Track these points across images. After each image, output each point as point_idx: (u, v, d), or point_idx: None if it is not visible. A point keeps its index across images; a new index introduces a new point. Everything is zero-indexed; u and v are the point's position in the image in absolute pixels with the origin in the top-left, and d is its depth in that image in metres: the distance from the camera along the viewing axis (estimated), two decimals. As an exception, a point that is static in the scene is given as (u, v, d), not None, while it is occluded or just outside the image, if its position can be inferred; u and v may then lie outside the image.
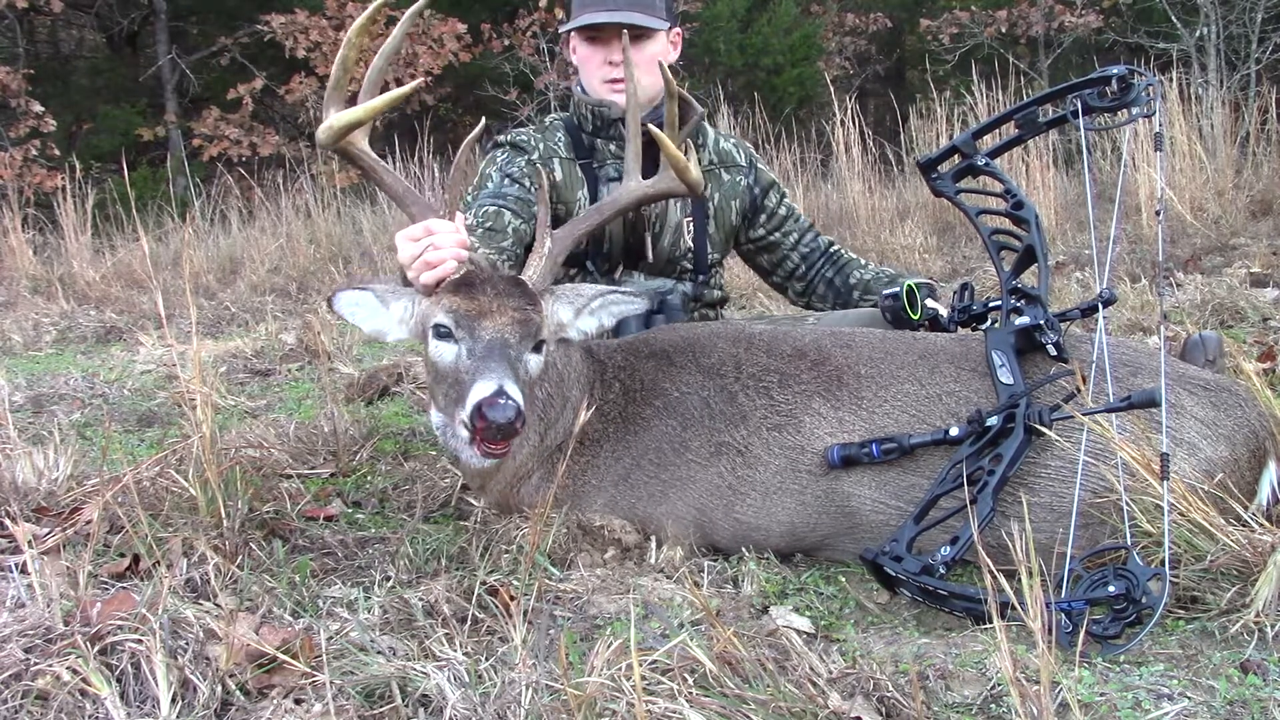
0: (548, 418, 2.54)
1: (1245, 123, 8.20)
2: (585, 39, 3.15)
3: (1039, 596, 1.56)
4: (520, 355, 2.34)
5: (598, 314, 2.57)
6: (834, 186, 8.72)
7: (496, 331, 2.32)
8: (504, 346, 2.30)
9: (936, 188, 2.88)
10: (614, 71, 3.13)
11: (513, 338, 2.33)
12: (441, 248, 2.36)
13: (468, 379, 2.27)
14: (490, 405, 2.16)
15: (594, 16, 3.07)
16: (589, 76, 3.20)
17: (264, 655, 1.80)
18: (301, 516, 2.68)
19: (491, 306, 2.34)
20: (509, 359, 2.29)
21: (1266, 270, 5.35)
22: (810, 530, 2.45)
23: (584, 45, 3.17)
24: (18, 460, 2.72)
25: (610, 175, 3.22)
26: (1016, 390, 2.32)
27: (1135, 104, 2.61)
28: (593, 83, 3.19)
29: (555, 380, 2.55)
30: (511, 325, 2.33)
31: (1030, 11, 12.14)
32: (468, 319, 2.33)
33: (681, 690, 1.68)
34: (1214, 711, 1.70)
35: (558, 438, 2.55)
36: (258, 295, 7.40)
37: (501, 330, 2.32)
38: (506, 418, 2.15)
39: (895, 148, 9.17)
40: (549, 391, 2.53)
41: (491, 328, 2.32)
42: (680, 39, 3.31)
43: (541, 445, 2.55)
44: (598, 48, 3.14)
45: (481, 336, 2.31)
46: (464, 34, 11.64)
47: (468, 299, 2.35)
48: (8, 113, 10.76)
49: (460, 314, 2.34)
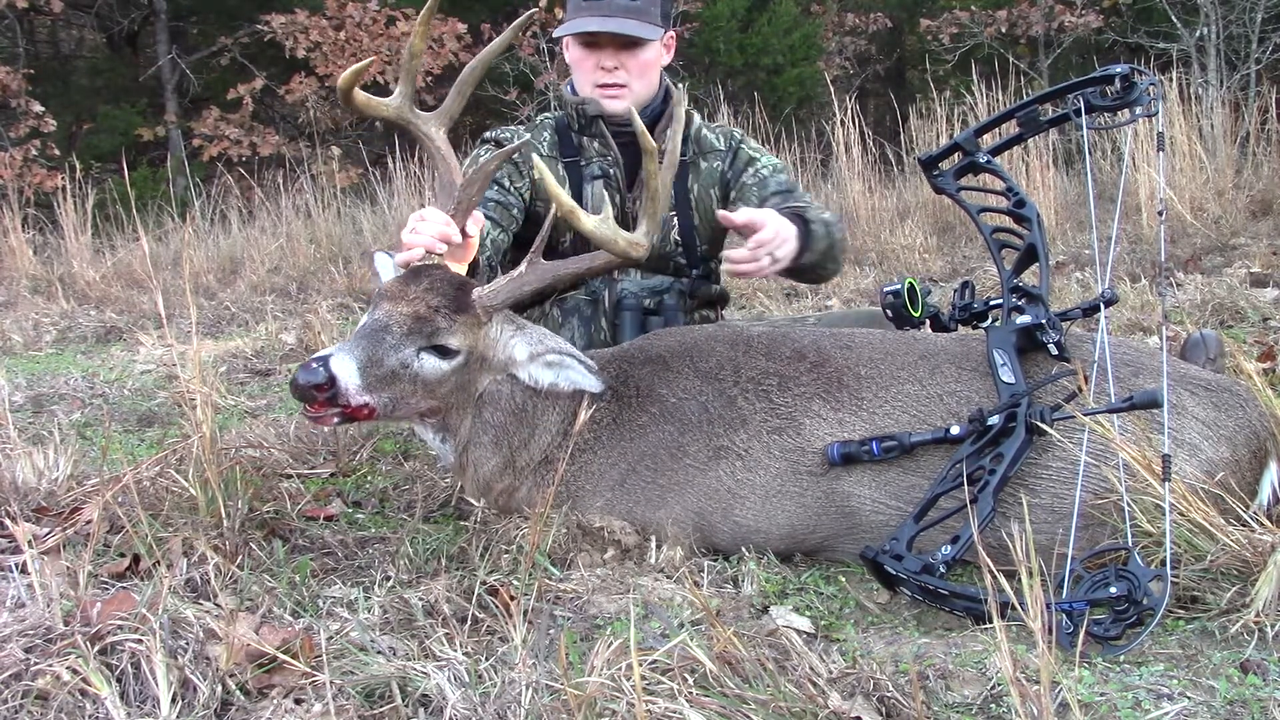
0: (510, 442, 2.52)
1: (1245, 123, 8.20)
2: (580, 43, 3.15)
3: (1039, 597, 1.55)
4: (398, 347, 2.33)
5: (554, 369, 2.47)
6: (834, 186, 8.72)
7: (384, 316, 2.35)
8: (380, 331, 2.33)
9: (938, 185, 2.88)
10: (606, 77, 3.12)
11: (397, 328, 2.33)
12: (420, 234, 2.41)
13: None
14: (303, 367, 2.24)
15: (588, 24, 3.07)
16: (581, 79, 3.20)
17: (264, 655, 1.80)
18: (301, 516, 2.68)
19: (400, 293, 2.37)
20: (375, 343, 2.31)
21: (1266, 270, 5.35)
22: (810, 532, 2.45)
23: (578, 49, 3.17)
24: (18, 460, 2.72)
25: (594, 174, 3.22)
26: (1018, 389, 2.31)
27: (1137, 103, 2.61)
28: (585, 86, 3.19)
29: (510, 410, 2.51)
30: (403, 317, 2.34)
31: (1030, 11, 12.13)
32: (377, 299, 2.40)
33: (681, 690, 1.68)
34: (1214, 711, 1.70)
35: (533, 459, 2.53)
36: (258, 295, 7.39)
37: (389, 316, 2.34)
38: (306, 380, 2.21)
39: (895, 148, 9.17)
40: (502, 420, 2.51)
41: (381, 311, 2.36)
42: (674, 41, 3.31)
43: (514, 466, 2.54)
44: (591, 53, 3.13)
45: (371, 315, 2.37)
46: (464, 34, 11.63)
47: (395, 283, 2.40)
48: (8, 113, 10.75)
49: (377, 293, 2.40)
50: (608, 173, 3.23)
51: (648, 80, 3.16)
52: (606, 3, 3.06)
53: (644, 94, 3.17)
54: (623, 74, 3.11)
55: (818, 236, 2.91)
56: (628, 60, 3.10)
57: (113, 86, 13.61)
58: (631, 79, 3.12)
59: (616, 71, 3.11)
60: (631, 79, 3.12)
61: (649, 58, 3.13)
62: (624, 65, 3.10)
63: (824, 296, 6.08)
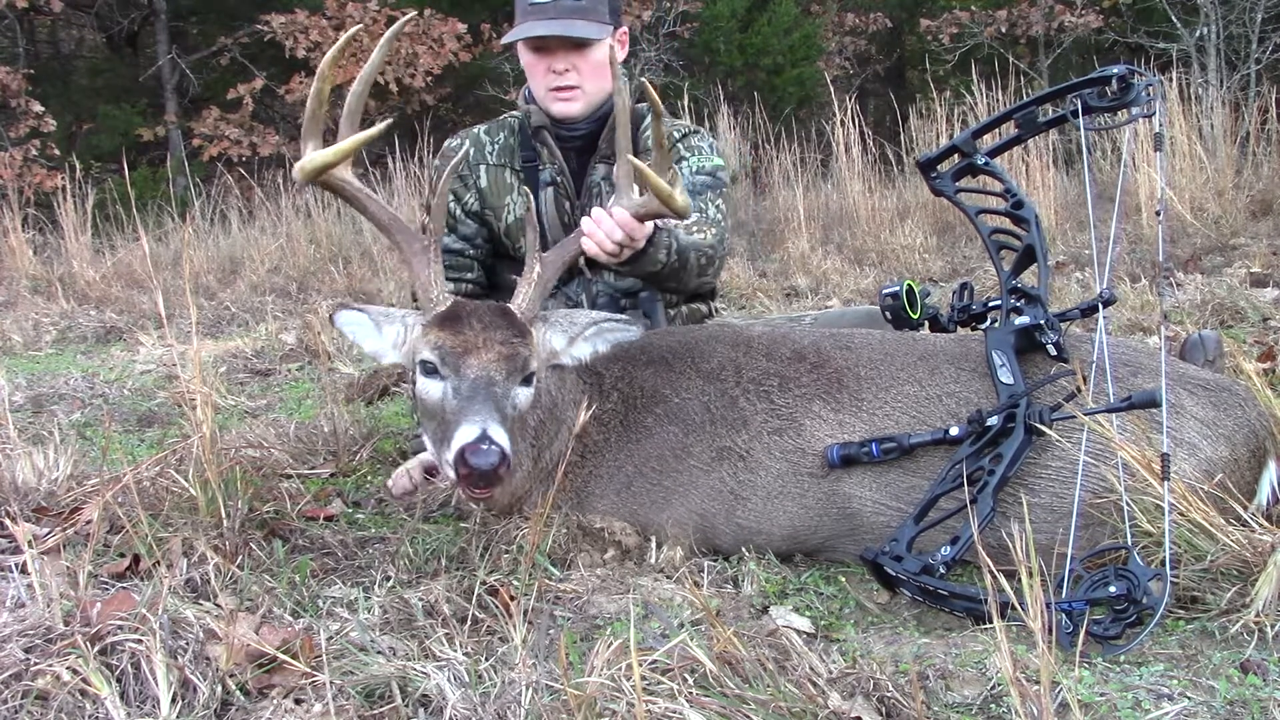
0: (540, 443, 2.51)
1: (1245, 123, 8.20)
2: (530, 48, 3.13)
3: (1039, 597, 1.56)
4: (507, 392, 2.30)
5: (591, 340, 2.51)
6: (834, 186, 8.73)
7: (482, 369, 2.27)
8: (489, 385, 2.26)
9: (936, 187, 2.88)
10: (558, 80, 3.11)
11: (499, 375, 2.28)
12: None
13: (452, 420, 2.23)
14: (473, 452, 2.13)
15: (534, 28, 3.05)
16: (535, 84, 3.18)
17: (264, 655, 1.80)
18: (301, 516, 2.68)
19: (477, 342, 2.30)
20: (494, 398, 2.24)
21: (1266, 270, 5.35)
22: (812, 533, 2.45)
23: (528, 54, 3.15)
24: (18, 460, 2.72)
25: (545, 180, 3.22)
26: (1016, 390, 2.32)
27: (1135, 104, 2.61)
28: (539, 91, 3.18)
29: (548, 407, 2.51)
30: (497, 362, 2.29)
31: (1030, 11, 12.14)
32: (453, 356, 2.29)
33: (681, 690, 1.68)
34: (1214, 711, 1.70)
35: (554, 459, 2.51)
36: (258, 295, 7.39)
37: (487, 368, 2.28)
38: (490, 464, 2.12)
39: (895, 148, 9.17)
40: (540, 418, 2.49)
41: (476, 365, 2.28)
42: (627, 37, 3.28)
43: (536, 468, 2.52)
44: (542, 57, 3.12)
45: (466, 375, 2.27)
46: (464, 34, 11.64)
47: (453, 334, 2.31)
48: (8, 113, 10.76)
49: (445, 350, 2.30)
50: (555, 180, 3.23)
51: (600, 81, 3.13)
52: (552, 5, 3.03)
53: (597, 95, 3.15)
54: (574, 75, 3.09)
55: (654, 259, 2.69)
56: (579, 62, 3.08)
57: (113, 86, 13.61)
58: (584, 80, 3.10)
59: (567, 74, 3.09)
60: (584, 80, 3.10)
61: (600, 58, 3.10)
62: (575, 67, 3.08)
63: (824, 296, 6.08)
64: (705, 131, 3.33)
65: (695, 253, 2.82)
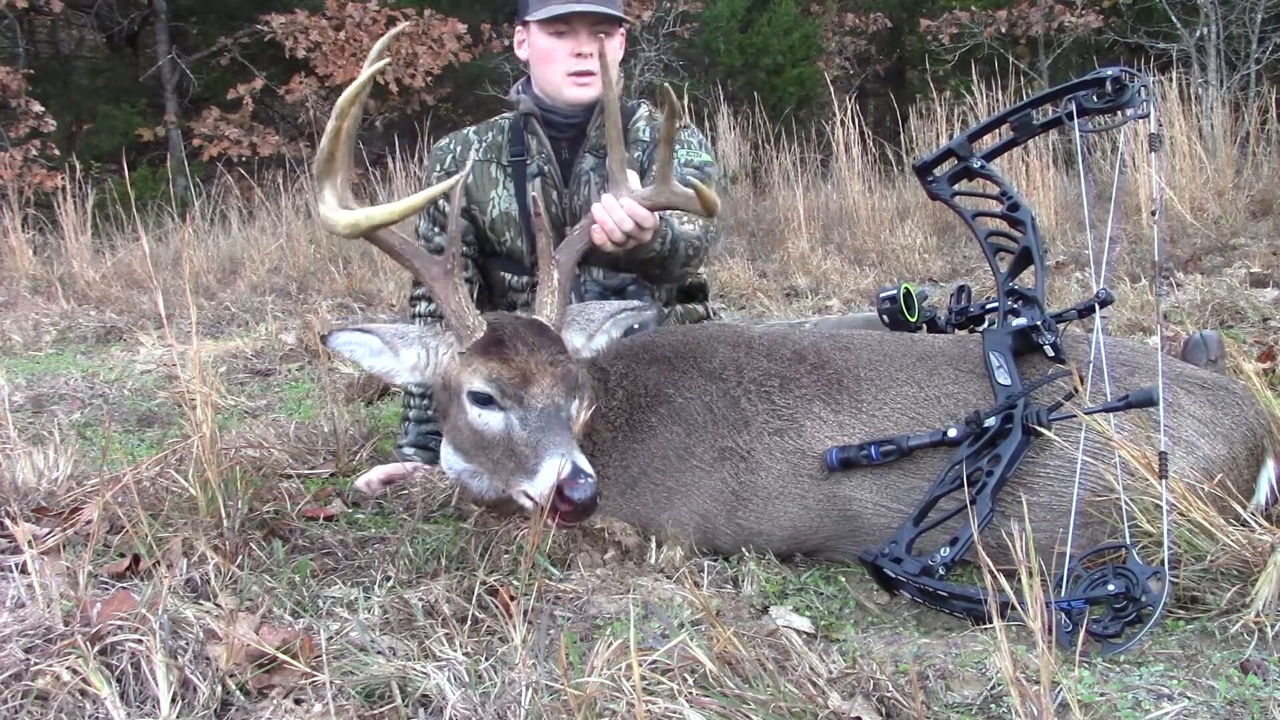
0: None
1: (1245, 123, 8.20)
2: (550, 32, 3.07)
3: (1039, 596, 1.56)
4: (569, 413, 2.31)
5: (609, 331, 2.56)
6: (834, 186, 8.73)
7: (548, 398, 2.26)
8: (557, 412, 2.26)
9: (932, 191, 2.87)
10: (581, 64, 3.06)
11: (561, 399, 2.28)
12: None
13: (529, 453, 2.21)
14: (572, 486, 2.13)
15: (566, 6, 3.01)
16: (550, 70, 3.12)
17: (264, 655, 1.80)
18: (301, 516, 2.68)
19: (531, 368, 2.27)
20: (565, 424, 2.26)
21: (1266, 270, 5.35)
22: (812, 534, 2.45)
23: (548, 38, 3.08)
24: (18, 460, 2.72)
25: (532, 172, 3.21)
26: (1014, 391, 2.32)
27: (1130, 105, 2.61)
28: (554, 77, 3.12)
29: None
30: (557, 386, 2.28)
31: (1030, 11, 12.14)
32: (513, 387, 2.26)
33: (681, 690, 1.68)
34: (1214, 711, 1.70)
35: None
36: (258, 295, 7.40)
37: (550, 395, 2.27)
38: (589, 496, 2.13)
39: (895, 148, 9.17)
40: None
41: (540, 394, 2.26)
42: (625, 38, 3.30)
43: None
44: (565, 40, 3.07)
45: (533, 405, 2.25)
46: (464, 34, 11.64)
47: (504, 363, 2.28)
48: (8, 113, 10.75)
49: (504, 382, 2.27)
50: (543, 170, 3.21)
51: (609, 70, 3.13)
52: None
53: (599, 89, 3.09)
54: (594, 62, 3.04)
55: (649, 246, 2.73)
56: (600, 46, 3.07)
57: (113, 86, 13.61)
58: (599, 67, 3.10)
59: (591, 59, 3.05)
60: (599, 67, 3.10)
61: (616, 46, 3.13)
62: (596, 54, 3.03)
63: (824, 296, 6.08)
64: (695, 128, 3.34)
65: (684, 243, 2.88)
